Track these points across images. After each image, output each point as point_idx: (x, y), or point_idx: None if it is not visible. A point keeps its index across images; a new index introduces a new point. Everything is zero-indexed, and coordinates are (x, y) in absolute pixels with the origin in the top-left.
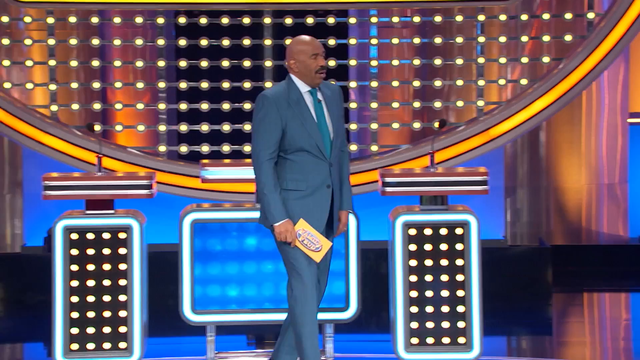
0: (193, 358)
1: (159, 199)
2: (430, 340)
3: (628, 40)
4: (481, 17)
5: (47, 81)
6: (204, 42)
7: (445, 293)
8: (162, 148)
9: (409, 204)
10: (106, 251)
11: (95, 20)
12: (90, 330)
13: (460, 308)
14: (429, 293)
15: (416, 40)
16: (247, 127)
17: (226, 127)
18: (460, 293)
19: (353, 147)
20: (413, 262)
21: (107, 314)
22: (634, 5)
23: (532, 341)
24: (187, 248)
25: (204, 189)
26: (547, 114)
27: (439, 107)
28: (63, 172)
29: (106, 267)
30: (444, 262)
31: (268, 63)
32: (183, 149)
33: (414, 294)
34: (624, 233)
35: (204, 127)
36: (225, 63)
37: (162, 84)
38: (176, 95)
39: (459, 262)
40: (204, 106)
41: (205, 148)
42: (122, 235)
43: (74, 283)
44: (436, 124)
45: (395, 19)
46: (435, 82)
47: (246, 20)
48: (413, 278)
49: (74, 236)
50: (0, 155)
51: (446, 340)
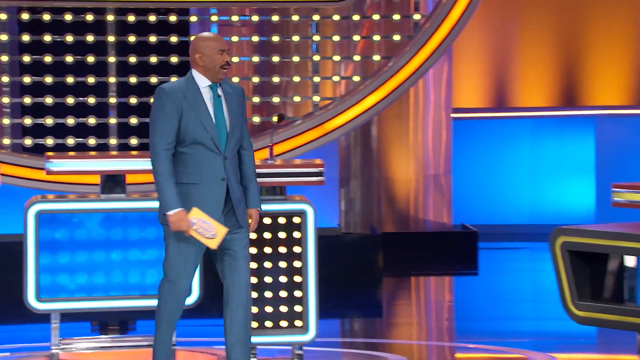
0: (38, 344)
1: (5, 191)
2: (269, 324)
3: (451, 40)
4: (316, 17)
5: None
6: (48, 38)
7: (283, 279)
8: (6, 141)
9: None
10: None
11: None
12: None
13: (297, 293)
14: (268, 279)
15: (255, 38)
16: (92, 121)
17: (70, 121)
18: (297, 279)
19: None
20: (253, 250)
21: None
22: (456, 7)
23: (364, 323)
24: (32, 238)
25: (50, 181)
26: (378, 109)
27: (277, 102)
28: None
29: None
30: (283, 250)
31: (111, 59)
32: (27, 142)
33: (254, 280)
34: (448, 221)
35: (49, 121)
36: (69, 58)
37: (6, 79)
38: (20, 89)
39: (297, 250)
40: (48, 100)
41: (49, 141)
42: None
43: None
44: (275, 118)
45: (234, 18)
46: (273, 79)
47: (89, 17)
48: (253, 265)
49: None
50: None
51: (284, 323)
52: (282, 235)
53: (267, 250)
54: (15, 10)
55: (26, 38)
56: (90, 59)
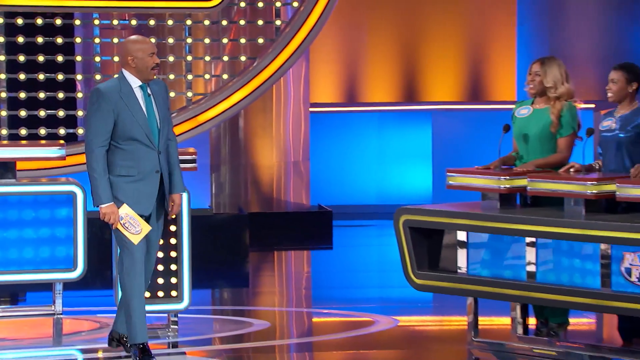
0: None
1: None
2: (147, 294)
3: (308, 43)
4: (189, 22)
5: None
6: None
7: (160, 254)
8: None
9: None
10: None
11: None
12: None
13: (173, 267)
14: None
15: None
16: None
17: None
18: (173, 254)
19: (80, 131)
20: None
21: None
22: (312, 14)
23: (233, 292)
24: None
25: None
26: (245, 104)
27: None
28: None
29: None
30: None
31: (1, 57)
32: None
33: None
34: (306, 202)
35: None
36: None
37: None
38: None
39: (173, 228)
40: None
41: None
42: None
43: None
44: None
45: (115, 22)
46: None
47: None
48: None
49: None
50: None
51: (161, 294)
52: None
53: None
54: None
55: None
56: None
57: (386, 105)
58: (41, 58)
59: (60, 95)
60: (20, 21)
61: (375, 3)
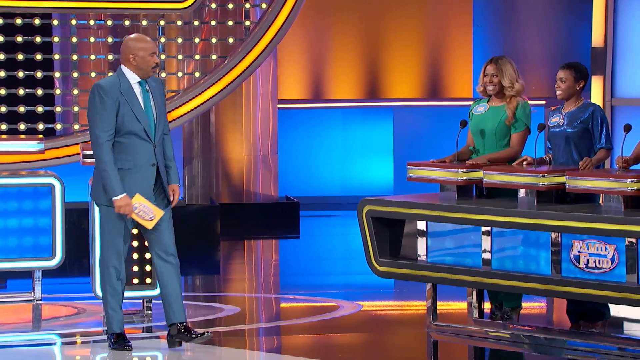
0: None
1: None
2: None
3: (276, 42)
4: (162, 22)
5: None
6: None
7: (135, 243)
8: None
9: None
10: None
11: None
12: None
13: (147, 255)
14: None
15: (109, 39)
16: None
17: None
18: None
19: (59, 126)
20: None
21: None
22: (280, 15)
23: (204, 279)
24: None
25: None
26: (216, 100)
27: None
28: None
29: None
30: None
31: None
32: None
33: None
34: (274, 193)
35: None
36: None
37: None
38: None
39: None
40: None
41: None
42: None
43: None
44: None
45: (91, 22)
46: None
47: None
48: None
49: None
50: None
51: (136, 281)
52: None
53: None
54: None
55: None
56: None
57: (350, 101)
58: (21, 56)
59: (39, 92)
60: (0, 21)
61: (339, 5)
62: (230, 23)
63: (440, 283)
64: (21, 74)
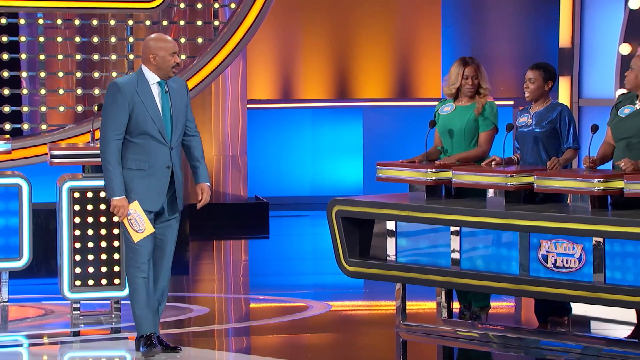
0: None
1: None
2: (91, 282)
3: (245, 42)
4: (130, 22)
5: None
6: None
7: (104, 244)
8: None
9: (74, 172)
10: None
11: None
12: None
13: (116, 256)
14: (91, 244)
15: (77, 39)
16: None
17: None
18: (116, 243)
19: (25, 126)
20: (77, 220)
21: None
22: (249, 15)
23: (174, 280)
24: None
25: None
26: None
27: (98, 94)
28: None
29: None
30: (103, 219)
31: None
32: None
33: (78, 245)
34: (244, 193)
35: None
36: None
37: None
38: None
39: (116, 219)
40: None
41: None
42: None
43: None
44: (95, 108)
45: (59, 21)
46: (94, 74)
47: None
48: (77, 232)
49: None
50: None
51: (104, 281)
52: (103, 207)
53: (90, 219)
54: None
55: None
56: None
57: (320, 101)
58: None
59: (5, 91)
60: None
61: (309, 5)
62: (199, 23)
63: (409, 283)
64: None
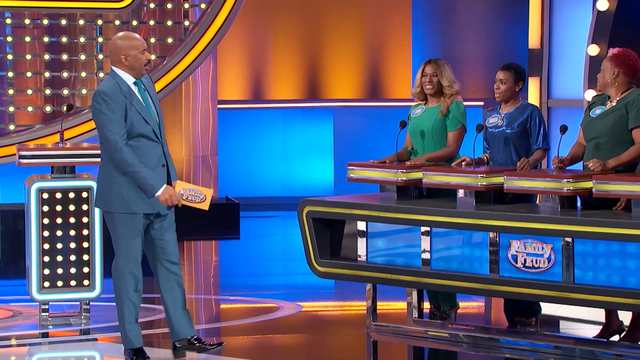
0: None
1: None
2: (60, 283)
3: (216, 42)
4: (100, 22)
5: None
6: None
7: (73, 245)
8: None
9: (42, 173)
10: None
11: None
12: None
13: (85, 257)
14: (59, 245)
15: (46, 39)
16: None
17: None
18: (85, 244)
19: None
20: (46, 220)
21: None
22: (219, 15)
23: (144, 280)
24: None
25: None
26: None
27: (67, 94)
28: None
29: None
30: (72, 220)
31: None
32: None
33: (47, 246)
34: (214, 194)
35: None
36: None
37: None
38: None
39: (85, 220)
40: None
41: None
42: None
43: None
44: (64, 108)
45: (27, 21)
46: (63, 74)
47: None
48: (46, 233)
49: None
50: None
51: (73, 283)
52: (72, 207)
53: (59, 220)
54: None
55: None
56: None
57: (290, 102)
58: None
59: None
60: None
61: (279, 5)
62: (169, 23)
63: (380, 283)
64: None
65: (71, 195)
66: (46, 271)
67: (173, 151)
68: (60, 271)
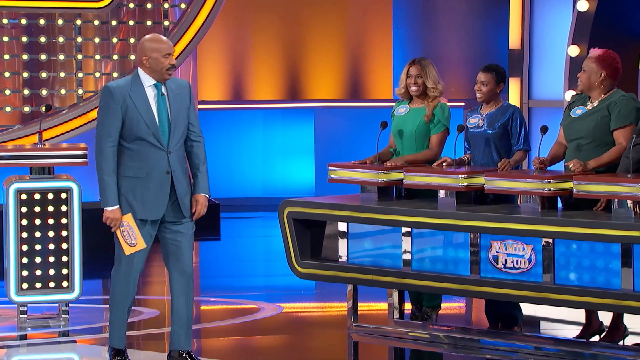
0: None
1: None
2: (38, 285)
3: (196, 43)
4: (79, 22)
5: None
6: None
7: (52, 246)
8: None
9: (21, 174)
10: None
11: None
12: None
13: (64, 258)
14: (38, 247)
15: (24, 38)
16: None
17: None
18: (64, 246)
19: None
20: (24, 222)
21: None
22: (199, 16)
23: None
24: None
25: None
26: None
27: (45, 95)
28: None
29: None
30: (51, 221)
31: None
32: None
33: (25, 248)
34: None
35: None
36: None
37: None
38: None
39: (64, 221)
40: None
41: None
42: None
43: None
44: (43, 108)
45: (5, 21)
46: (41, 74)
47: None
48: (24, 235)
49: None
50: None
51: (52, 284)
52: (51, 208)
53: (37, 222)
54: None
55: None
56: None
57: (271, 102)
58: None
59: None
60: None
61: (260, 5)
62: (149, 23)
63: (360, 284)
64: None
65: (50, 196)
66: (24, 273)
67: None
68: (38, 273)
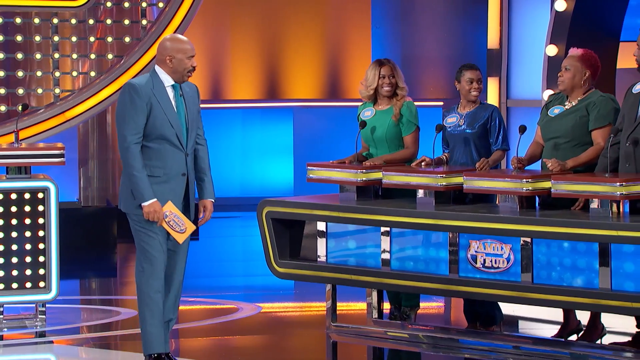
0: None
1: None
2: (15, 285)
3: None
4: (55, 20)
5: None
6: None
7: (28, 246)
8: None
9: None
10: None
11: None
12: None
13: (41, 258)
14: (15, 247)
15: (0, 37)
16: None
17: None
18: (41, 246)
19: None
20: (1, 222)
21: None
22: (177, 15)
23: (101, 282)
24: None
25: None
26: (112, 100)
27: (22, 94)
28: None
29: None
30: (28, 221)
31: None
32: None
33: (2, 248)
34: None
35: None
36: None
37: None
38: None
39: (41, 221)
40: None
41: None
42: None
43: None
44: (19, 108)
45: None
46: (18, 73)
47: None
48: (1, 235)
49: None
50: None
51: (29, 284)
52: (28, 208)
53: (14, 222)
54: None
55: None
56: None
57: (249, 102)
58: None
59: None
60: None
61: (238, 4)
62: (126, 22)
63: (339, 284)
64: None
65: (27, 196)
66: (1, 273)
67: None
68: (15, 273)
